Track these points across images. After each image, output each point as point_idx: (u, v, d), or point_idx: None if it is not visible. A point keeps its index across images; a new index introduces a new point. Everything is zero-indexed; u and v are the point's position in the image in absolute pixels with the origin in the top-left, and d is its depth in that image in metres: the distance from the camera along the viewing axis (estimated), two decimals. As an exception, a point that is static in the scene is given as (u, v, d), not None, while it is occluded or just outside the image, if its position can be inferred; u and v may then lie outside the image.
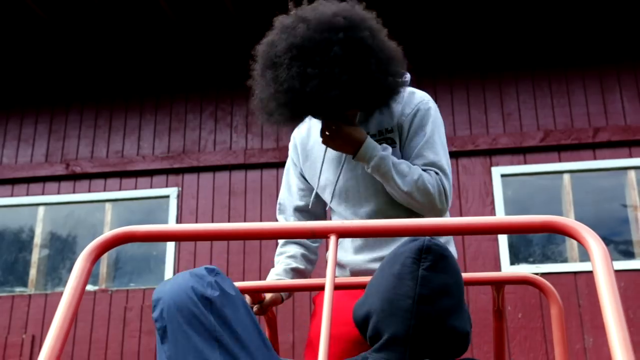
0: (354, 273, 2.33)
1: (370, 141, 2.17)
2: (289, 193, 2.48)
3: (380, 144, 2.24)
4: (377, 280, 1.63)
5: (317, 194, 2.41)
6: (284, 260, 2.39)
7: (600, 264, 1.20)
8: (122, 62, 6.98)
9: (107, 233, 1.36)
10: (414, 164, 2.22)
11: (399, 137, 2.28)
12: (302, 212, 2.44)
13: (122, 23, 6.63)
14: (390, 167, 2.15)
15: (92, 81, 6.97)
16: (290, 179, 2.50)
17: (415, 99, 2.34)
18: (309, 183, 2.46)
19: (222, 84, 6.78)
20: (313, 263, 2.43)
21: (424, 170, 2.22)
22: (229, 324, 1.51)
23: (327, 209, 2.48)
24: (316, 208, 2.44)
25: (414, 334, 1.51)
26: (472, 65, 6.52)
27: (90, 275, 1.44)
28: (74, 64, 7.03)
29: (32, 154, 6.78)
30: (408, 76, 2.41)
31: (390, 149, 2.20)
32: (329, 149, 2.33)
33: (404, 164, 2.18)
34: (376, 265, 2.28)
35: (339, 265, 2.38)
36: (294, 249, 2.40)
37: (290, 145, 2.53)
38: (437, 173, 2.23)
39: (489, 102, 6.39)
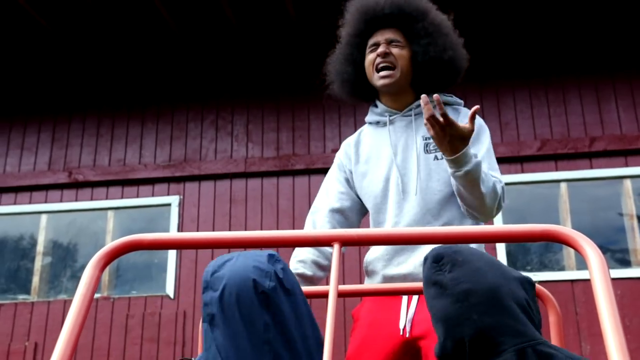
0: (386, 280, 2.38)
1: (469, 147, 2.25)
2: (327, 196, 2.55)
3: (434, 146, 2.41)
4: (432, 317, 1.62)
5: (357, 199, 2.53)
6: (294, 264, 2.45)
7: (598, 272, 1.23)
8: (124, 71, 7.04)
9: (116, 241, 1.39)
10: None
11: None
12: (337, 212, 2.51)
13: (124, 33, 6.69)
14: (481, 173, 2.23)
15: (94, 90, 7.03)
16: (330, 184, 2.58)
17: (464, 107, 2.56)
18: (351, 188, 2.55)
19: (222, 93, 6.84)
20: (325, 269, 2.46)
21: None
22: (283, 323, 1.45)
23: (365, 215, 2.58)
24: (351, 213, 2.53)
25: (484, 325, 1.49)
26: (469, 75, 6.53)
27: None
28: (76, 73, 7.08)
29: (35, 162, 6.83)
30: (462, 102, 2.65)
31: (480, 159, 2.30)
32: (392, 148, 2.46)
33: (483, 171, 2.26)
34: (405, 270, 2.34)
35: (372, 273, 2.43)
36: (305, 254, 2.45)
37: (340, 152, 2.62)
38: (499, 181, 2.35)
39: (486, 112, 6.46)
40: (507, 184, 6.18)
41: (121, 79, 7.02)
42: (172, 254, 6.29)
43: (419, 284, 2.22)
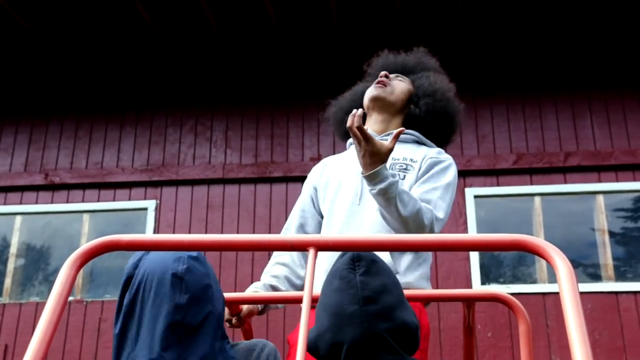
0: None
1: (385, 166, 2.26)
2: (294, 210, 2.63)
3: (400, 166, 2.45)
4: (320, 303, 1.71)
5: (321, 213, 2.58)
6: (267, 277, 2.46)
7: (566, 281, 1.27)
8: (104, 74, 7.02)
9: (93, 241, 1.40)
10: (429, 192, 2.37)
11: (420, 169, 2.45)
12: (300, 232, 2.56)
13: (105, 36, 6.68)
14: (397, 194, 2.23)
15: (73, 93, 7.00)
16: (302, 196, 2.65)
17: (444, 154, 2.58)
18: (314, 207, 2.60)
19: (202, 99, 6.85)
20: (297, 288, 2.47)
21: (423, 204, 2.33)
22: (191, 305, 1.59)
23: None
24: (317, 229, 2.58)
25: (369, 335, 1.57)
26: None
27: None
28: (55, 75, 7.05)
29: (11, 163, 6.78)
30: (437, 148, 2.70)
31: (399, 179, 2.34)
32: (352, 162, 2.52)
33: (406, 194, 2.27)
34: None
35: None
36: (278, 269, 2.47)
37: (314, 168, 2.70)
38: (432, 213, 2.33)
39: (463, 125, 6.47)
40: (482, 196, 6.29)
41: (101, 82, 7.00)
42: (147, 258, 6.26)
43: None
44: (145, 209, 6.49)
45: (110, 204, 6.55)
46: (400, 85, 2.57)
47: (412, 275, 2.39)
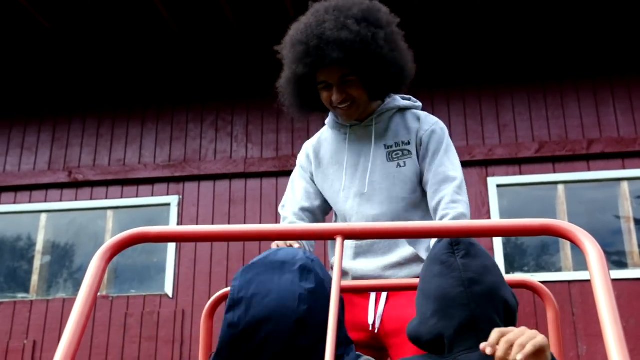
0: (355, 278, 2.44)
1: None
2: (293, 194, 2.61)
3: (396, 153, 2.46)
4: (420, 291, 1.71)
5: (324, 198, 2.59)
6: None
7: (596, 264, 1.25)
8: (124, 72, 7.06)
9: (122, 234, 1.42)
10: (437, 170, 2.42)
11: (417, 149, 2.48)
12: (307, 211, 2.56)
13: (125, 34, 6.71)
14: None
15: (94, 90, 7.05)
16: (296, 184, 2.63)
17: (432, 119, 2.57)
18: (316, 187, 2.61)
19: (222, 94, 6.87)
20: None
21: (453, 194, 2.37)
22: (315, 338, 1.45)
23: (328, 213, 2.65)
24: (319, 211, 2.59)
25: (479, 315, 1.58)
26: (468, 78, 6.62)
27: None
28: (77, 73, 7.10)
29: (35, 162, 6.85)
30: (420, 103, 2.65)
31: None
32: (348, 156, 2.51)
33: (460, 216, 2.31)
34: (376, 271, 2.40)
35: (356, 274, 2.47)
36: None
37: (302, 155, 2.67)
38: (458, 192, 2.38)
39: (485, 114, 6.49)
40: (505, 185, 6.25)
41: (122, 80, 7.05)
42: (171, 254, 6.31)
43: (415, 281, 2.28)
44: (168, 204, 6.53)
45: (134, 200, 6.60)
46: (356, 91, 2.41)
47: None
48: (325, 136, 2.64)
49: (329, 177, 2.55)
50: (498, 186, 6.24)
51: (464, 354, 1.58)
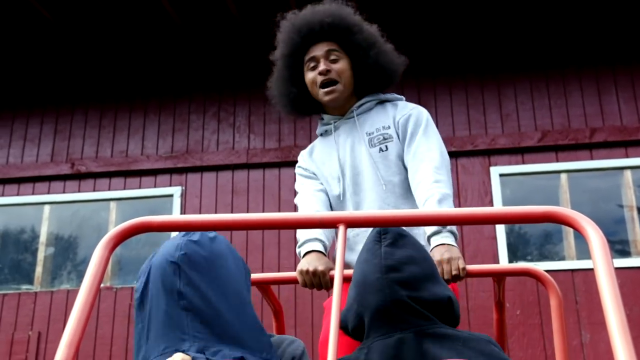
0: (350, 267, 2.44)
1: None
2: (303, 187, 2.62)
3: (377, 138, 2.51)
4: (352, 279, 1.72)
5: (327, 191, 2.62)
6: (315, 245, 2.45)
7: (599, 250, 1.25)
8: (126, 63, 7.05)
9: (125, 223, 1.42)
10: (417, 151, 2.45)
11: (398, 133, 2.53)
12: (319, 192, 2.57)
13: (127, 25, 6.70)
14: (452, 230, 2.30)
15: (97, 82, 7.05)
16: (301, 181, 2.66)
17: (410, 105, 2.62)
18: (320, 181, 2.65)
19: (225, 85, 6.86)
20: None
21: (434, 178, 2.36)
22: (198, 288, 1.49)
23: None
24: (328, 196, 2.60)
25: (392, 300, 1.57)
26: (471, 67, 6.61)
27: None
28: (79, 65, 7.10)
29: (38, 154, 6.86)
30: (402, 97, 2.72)
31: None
32: (338, 151, 2.58)
33: (442, 203, 2.31)
34: None
35: (348, 266, 2.47)
36: (317, 233, 2.45)
37: (299, 163, 2.71)
38: (438, 172, 2.38)
39: (487, 103, 6.48)
40: (508, 174, 6.26)
41: (124, 71, 7.04)
42: (174, 245, 6.32)
43: None
44: (171, 195, 6.54)
45: (136, 191, 6.61)
46: (341, 68, 2.52)
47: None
48: (317, 143, 2.71)
49: (325, 175, 2.60)
50: (501, 175, 6.24)
51: (381, 339, 1.57)
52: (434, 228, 2.25)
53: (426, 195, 2.30)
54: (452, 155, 6.18)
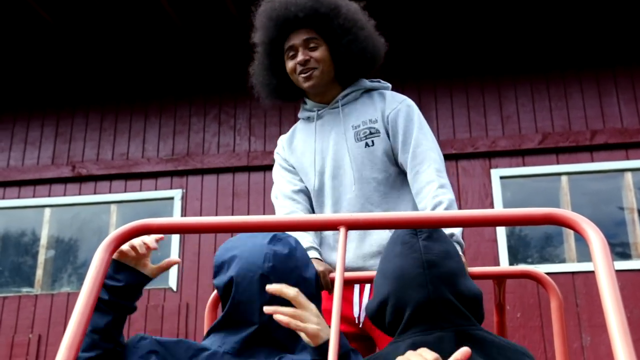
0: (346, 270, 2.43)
1: None
2: (280, 184, 2.60)
3: (364, 132, 2.46)
4: (380, 271, 1.70)
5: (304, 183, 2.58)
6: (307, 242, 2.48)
7: (600, 252, 1.24)
8: (127, 66, 7.06)
9: (126, 225, 1.42)
10: (415, 151, 2.40)
11: (387, 128, 2.47)
12: (297, 193, 2.54)
13: (128, 27, 6.71)
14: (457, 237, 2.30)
15: (97, 85, 7.05)
16: (279, 173, 2.63)
17: (399, 97, 2.56)
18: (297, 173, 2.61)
19: (225, 88, 6.86)
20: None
21: (436, 179, 2.34)
22: (282, 302, 1.54)
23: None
24: (307, 193, 2.57)
25: (435, 298, 1.56)
26: (471, 70, 6.61)
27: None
28: (79, 67, 7.10)
29: (39, 157, 6.86)
30: (389, 85, 2.65)
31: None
32: (317, 142, 2.53)
33: (446, 207, 2.30)
34: (357, 262, 2.40)
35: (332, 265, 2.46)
36: (310, 238, 2.47)
37: (278, 148, 2.70)
38: (441, 175, 2.36)
39: (488, 106, 6.48)
40: (508, 176, 6.25)
41: (124, 74, 7.05)
42: (175, 248, 6.32)
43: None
44: (172, 198, 6.54)
45: (137, 194, 6.61)
46: (319, 56, 2.48)
47: None
48: (299, 126, 2.67)
49: (304, 164, 2.56)
50: (501, 178, 6.24)
51: (421, 335, 1.56)
52: None
53: (433, 202, 2.29)
54: (453, 157, 6.22)
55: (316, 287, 1.71)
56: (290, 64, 2.51)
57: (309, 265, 1.72)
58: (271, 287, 1.49)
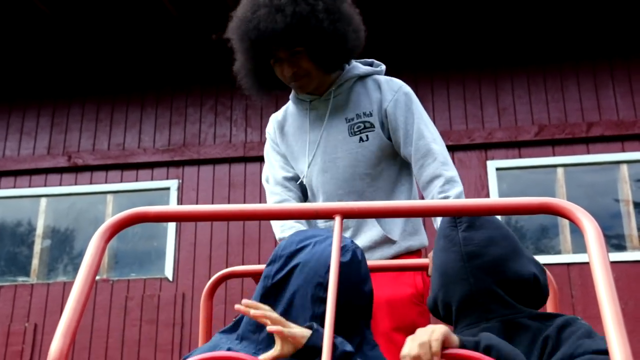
0: None
1: None
2: (272, 167, 2.57)
3: (358, 126, 2.40)
4: (433, 266, 1.69)
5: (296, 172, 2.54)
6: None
7: (594, 242, 1.25)
8: (123, 56, 7.04)
9: (122, 213, 1.40)
10: (418, 144, 2.36)
11: (383, 121, 2.41)
12: (292, 180, 2.52)
13: (124, 18, 6.68)
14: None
15: (93, 75, 7.03)
16: (270, 156, 2.59)
17: (394, 84, 2.47)
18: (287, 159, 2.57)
19: (222, 79, 6.85)
20: None
21: (441, 171, 2.34)
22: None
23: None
24: (299, 183, 2.54)
25: (478, 290, 1.55)
26: (468, 61, 6.61)
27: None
28: (76, 58, 7.08)
29: (35, 146, 6.85)
30: (383, 66, 2.56)
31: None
32: (310, 133, 2.47)
33: (455, 195, 2.31)
34: None
35: None
36: (293, 224, 2.43)
37: (269, 127, 2.64)
38: (446, 168, 2.35)
39: (484, 97, 6.48)
40: (504, 168, 6.25)
41: (121, 64, 7.03)
42: (171, 238, 6.33)
43: (404, 262, 2.28)
44: (168, 188, 6.54)
45: (133, 184, 6.60)
46: (306, 65, 2.37)
47: (412, 240, 2.41)
48: (291, 110, 2.60)
49: (294, 154, 2.52)
50: (497, 169, 6.25)
51: (467, 328, 1.56)
52: None
53: (439, 197, 2.28)
54: (449, 149, 6.13)
55: (368, 303, 1.65)
56: (277, 71, 2.42)
57: (368, 280, 1.66)
58: (255, 312, 1.46)
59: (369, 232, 2.37)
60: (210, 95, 6.83)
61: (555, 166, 6.23)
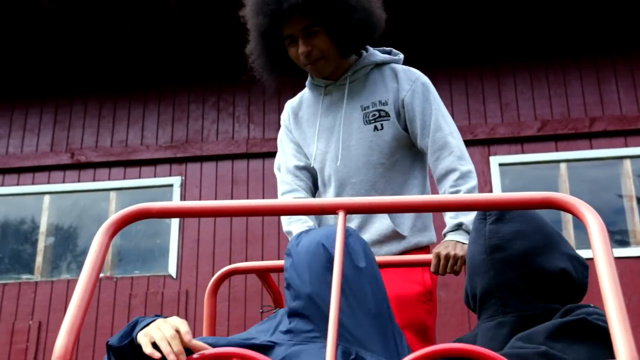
0: None
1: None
2: (284, 155, 2.54)
3: (373, 115, 2.37)
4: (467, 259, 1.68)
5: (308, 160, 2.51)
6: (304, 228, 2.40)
7: (598, 236, 1.24)
8: (126, 53, 7.04)
9: (125, 209, 1.39)
10: (435, 136, 2.33)
11: (401, 111, 2.38)
12: (303, 169, 2.48)
13: (126, 14, 6.68)
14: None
15: (96, 72, 7.04)
16: (284, 144, 2.56)
17: (412, 74, 2.46)
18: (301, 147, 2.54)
19: (224, 75, 6.85)
20: None
21: (456, 165, 2.31)
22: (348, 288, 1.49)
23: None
24: (311, 170, 2.50)
25: (497, 283, 1.52)
26: (470, 57, 6.60)
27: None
28: (78, 55, 7.09)
29: (38, 144, 6.85)
30: (401, 55, 2.54)
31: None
32: (322, 118, 2.44)
33: (465, 191, 2.27)
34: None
35: None
36: (307, 220, 2.41)
37: (284, 114, 2.62)
38: (462, 162, 2.31)
39: (487, 93, 6.47)
40: (507, 164, 6.25)
41: (123, 61, 7.03)
42: (174, 235, 6.33)
43: (411, 257, 2.28)
44: (171, 185, 6.54)
45: (136, 181, 6.61)
46: (322, 43, 2.32)
47: (421, 236, 2.39)
48: (307, 96, 2.56)
49: (307, 140, 2.49)
50: (500, 165, 6.24)
51: (485, 322, 1.54)
52: (451, 225, 2.21)
53: (450, 192, 2.26)
54: (452, 144, 6.21)
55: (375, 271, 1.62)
56: (292, 52, 2.36)
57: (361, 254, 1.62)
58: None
59: (378, 225, 2.34)
60: (213, 91, 6.83)
61: (558, 161, 6.22)
